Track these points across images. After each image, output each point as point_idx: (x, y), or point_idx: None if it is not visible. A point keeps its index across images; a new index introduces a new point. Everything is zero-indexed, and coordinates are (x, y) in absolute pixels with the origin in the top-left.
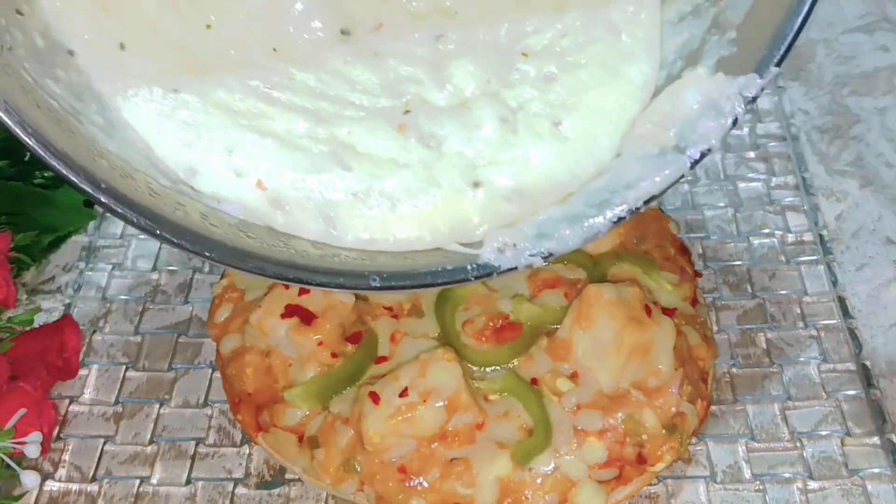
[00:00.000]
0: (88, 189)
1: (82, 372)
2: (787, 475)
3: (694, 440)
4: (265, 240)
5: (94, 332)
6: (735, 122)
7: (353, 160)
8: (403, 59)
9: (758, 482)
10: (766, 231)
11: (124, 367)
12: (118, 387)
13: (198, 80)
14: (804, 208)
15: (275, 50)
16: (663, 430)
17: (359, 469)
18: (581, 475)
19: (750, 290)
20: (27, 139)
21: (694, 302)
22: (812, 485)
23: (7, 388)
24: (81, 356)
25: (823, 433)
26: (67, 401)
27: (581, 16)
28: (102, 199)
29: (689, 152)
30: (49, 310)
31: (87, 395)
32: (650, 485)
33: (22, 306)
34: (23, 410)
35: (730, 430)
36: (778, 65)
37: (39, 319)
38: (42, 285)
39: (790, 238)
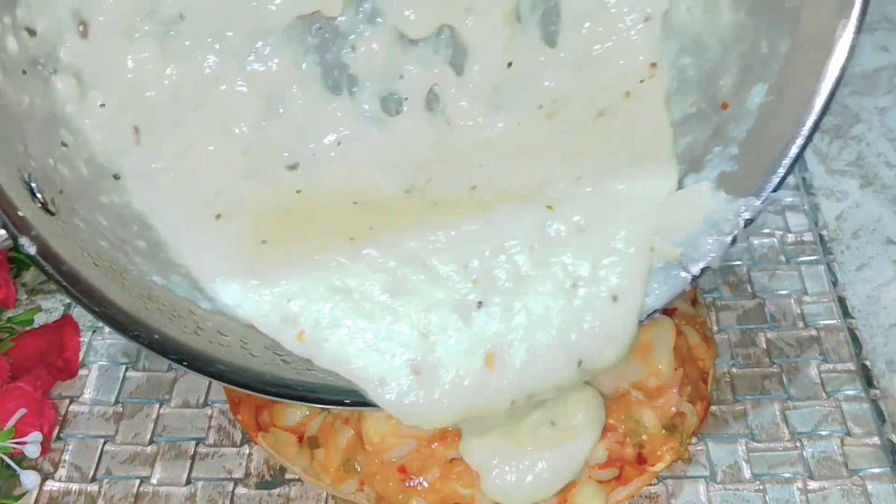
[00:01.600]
0: (142, 343)
1: (82, 372)
2: (787, 475)
3: (694, 440)
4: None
5: (94, 332)
6: (734, 241)
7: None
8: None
9: (758, 482)
10: (766, 231)
11: (124, 367)
12: (118, 387)
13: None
14: (804, 208)
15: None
16: (663, 431)
17: (359, 469)
18: (581, 475)
19: (750, 290)
20: (90, 307)
21: (694, 302)
22: (812, 485)
23: (7, 388)
24: (81, 356)
25: (823, 433)
26: (67, 401)
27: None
28: (155, 349)
29: (692, 269)
30: (49, 310)
31: (87, 395)
32: (650, 485)
33: (22, 306)
34: (23, 410)
35: (730, 430)
36: (775, 191)
37: (39, 319)
38: (42, 285)
39: (790, 238)
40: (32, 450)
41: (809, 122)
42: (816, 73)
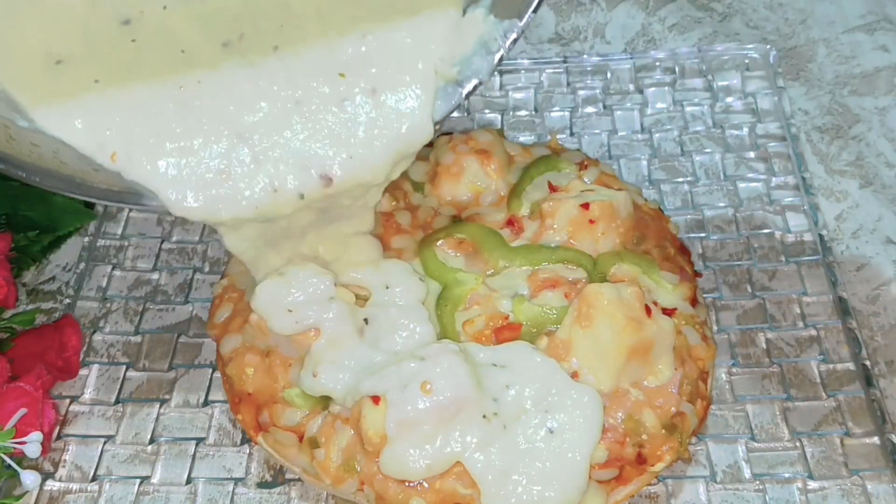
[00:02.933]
0: None
1: (82, 372)
2: (787, 475)
3: (694, 440)
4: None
5: (95, 332)
6: (500, 60)
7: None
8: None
9: (758, 482)
10: (766, 231)
11: (124, 367)
12: (118, 387)
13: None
14: (804, 208)
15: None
16: (663, 430)
17: (359, 469)
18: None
19: (750, 290)
20: None
21: (694, 302)
22: (812, 485)
23: (7, 388)
24: (82, 356)
25: (823, 433)
26: (68, 401)
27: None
28: None
29: (466, 85)
30: (49, 310)
31: (88, 394)
32: (650, 485)
33: (22, 306)
34: (23, 410)
35: (730, 429)
36: (534, 12)
37: (39, 319)
38: (42, 285)
39: (790, 238)
40: (33, 449)
41: None
42: None
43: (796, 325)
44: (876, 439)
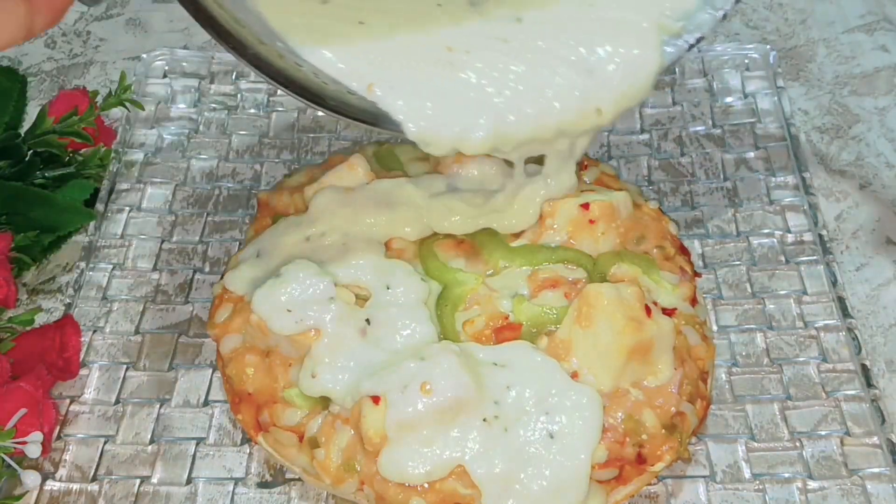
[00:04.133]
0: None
1: (83, 372)
2: (786, 475)
3: (694, 440)
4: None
5: (95, 332)
6: (725, 16)
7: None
8: None
9: (757, 482)
10: (766, 231)
11: (125, 367)
12: (118, 387)
13: None
14: (804, 208)
15: None
16: (663, 430)
17: (359, 469)
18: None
19: (750, 290)
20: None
21: (694, 302)
22: (812, 484)
23: (7, 388)
24: (82, 356)
25: (823, 433)
26: (68, 401)
27: None
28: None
29: (689, 39)
30: (49, 310)
31: (88, 394)
32: (650, 485)
33: (22, 306)
34: (23, 410)
35: (729, 430)
36: None
37: (39, 319)
38: (42, 285)
39: (790, 238)
40: (33, 449)
41: None
42: None
43: (796, 325)
44: (876, 439)
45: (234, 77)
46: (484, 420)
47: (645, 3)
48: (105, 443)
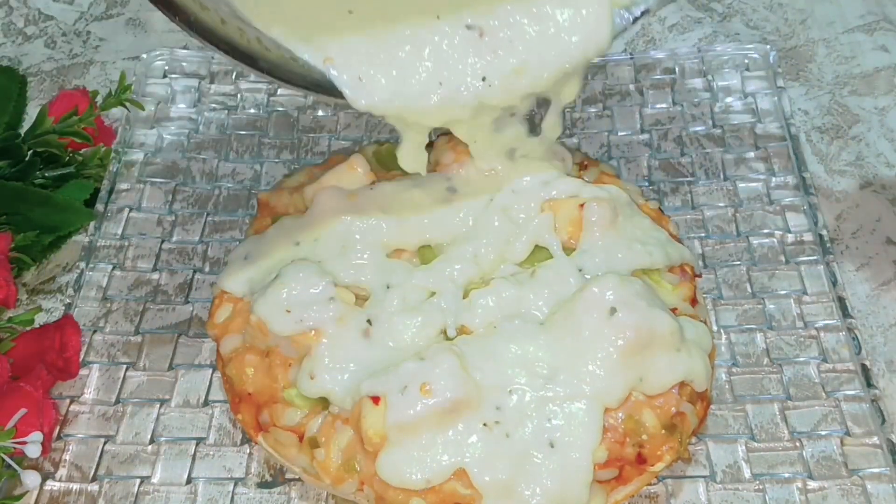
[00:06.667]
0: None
1: (83, 372)
2: (786, 475)
3: (694, 440)
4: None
5: (95, 332)
6: None
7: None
8: None
9: (757, 482)
10: (766, 231)
11: (125, 367)
12: (118, 387)
13: None
14: (804, 208)
15: None
16: (663, 430)
17: (359, 469)
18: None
19: (750, 290)
20: None
21: (694, 302)
22: (812, 485)
23: (7, 388)
24: (82, 356)
25: (823, 433)
26: (68, 401)
27: None
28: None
29: (634, 11)
30: (49, 310)
31: (88, 394)
32: (650, 485)
33: (22, 306)
34: (23, 410)
35: (729, 430)
36: None
37: (39, 319)
38: (42, 285)
39: (790, 238)
40: (33, 449)
41: None
42: None
43: (796, 325)
44: (876, 439)
45: (234, 77)
46: (484, 425)
47: None
48: (105, 443)
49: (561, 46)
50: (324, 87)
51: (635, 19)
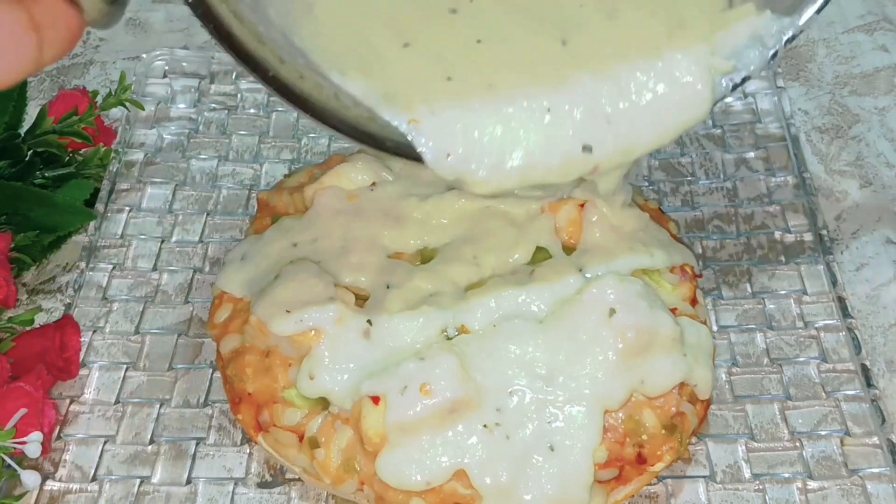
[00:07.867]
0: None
1: (83, 372)
2: (786, 475)
3: (694, 440)
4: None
5: (95, 332)
6: (775, 55)
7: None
8: None
9: (757, 482)
10: (766, 231)
11: (124, 367)
12: (118, 387)
13: None
14: (804, 208)
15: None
16: (663, 430)
17: (359, 469)
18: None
19: (750, 290)
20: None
21: (694, 302)
22: (812, 484)
23: (7, 388)
24: (82, 356)
25: (823, 433)
26: (68, 401)
27: None
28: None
29: (735, 78)
30: (49, 310)
31: (88, 394)
32: (650, 485)
33: (22, 306)
34: (23, 410)
35: (729, 430)
36: (818, 12)
37: (39, 319)
38: (42, 285)
39: (790, 238)
40: (33, 449)
41: None
42: None
43: (796, 325)
44: (876, 439)
45: (234, 77)
46: (485, 427)
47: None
48: (105, 443)
49: (657, 119)
50: (404, 151)
51: (735, 86)
